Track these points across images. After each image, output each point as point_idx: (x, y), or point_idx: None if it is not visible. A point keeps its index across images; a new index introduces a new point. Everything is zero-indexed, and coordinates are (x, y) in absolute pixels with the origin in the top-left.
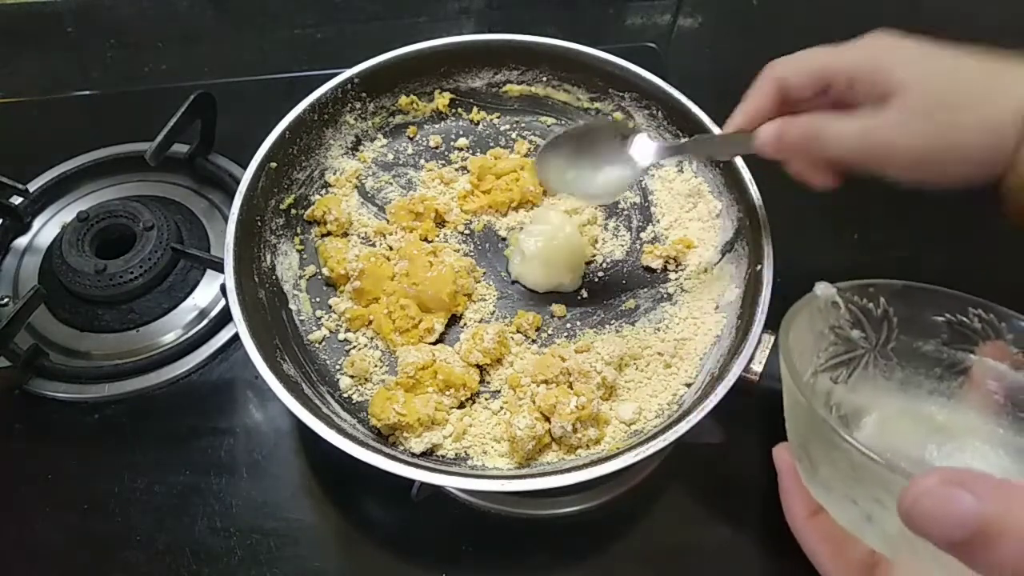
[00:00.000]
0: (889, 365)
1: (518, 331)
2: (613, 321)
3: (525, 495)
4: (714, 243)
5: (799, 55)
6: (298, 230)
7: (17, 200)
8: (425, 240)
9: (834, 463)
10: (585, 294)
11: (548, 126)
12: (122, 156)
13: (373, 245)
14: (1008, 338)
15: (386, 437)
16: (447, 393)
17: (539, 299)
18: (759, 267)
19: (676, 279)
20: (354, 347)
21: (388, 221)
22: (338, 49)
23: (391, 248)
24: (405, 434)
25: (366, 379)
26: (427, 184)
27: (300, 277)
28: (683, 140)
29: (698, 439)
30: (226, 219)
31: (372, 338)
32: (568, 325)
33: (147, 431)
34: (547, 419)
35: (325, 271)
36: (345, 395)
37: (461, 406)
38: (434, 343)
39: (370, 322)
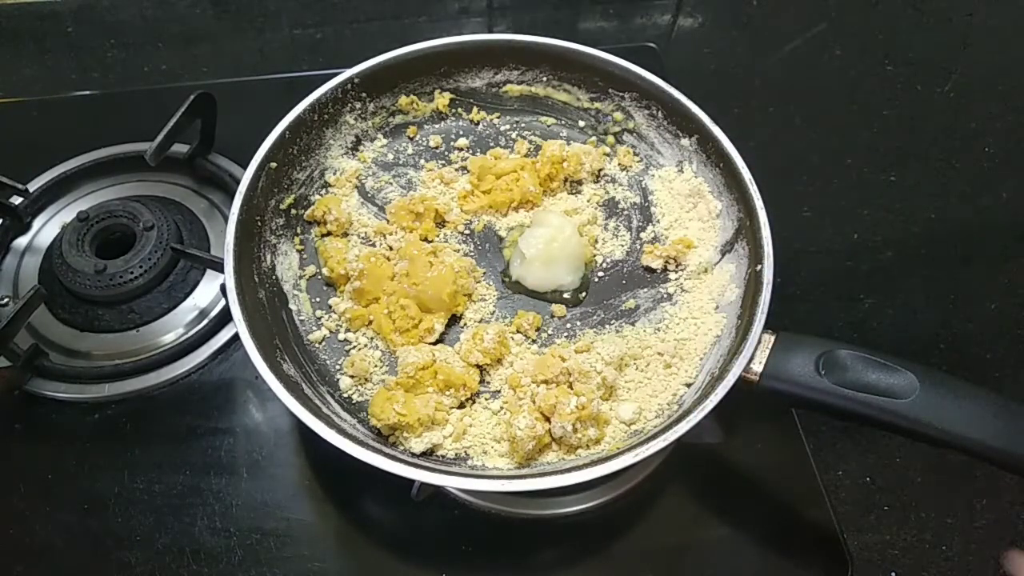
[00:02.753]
0: None
1: (518, 331)
2: (613, 321)
3: (525, 495)
4: (714, 243)
5: None
6: (298, 230)
7: (17, 200)
8: (425, 240)
9: None
10: (585, 294)
11: (548, 126)
12: (122, 156)
13: (373, 245)
14: None
15: (386, 437)
16: (447, 393)
17: (539, 299)
18: (759, 267)
19: (676, 279)
20: (354, 347)
21: (388, 221)
22: (338, 49)
23: (391, 248)
24: (405, 434)
25: (366, 379)
26: (427, 184)
27: (300, 277)
28: None
29: (698, 439)
30: (226, 219)
31: (372, 338)
32: (568, 325)
33: (147, 431)
34: (547, 419)
35: (325, 271)
36: (345, 395)
37: (461, 406)
38: (434, 343)
39: (370, 322)
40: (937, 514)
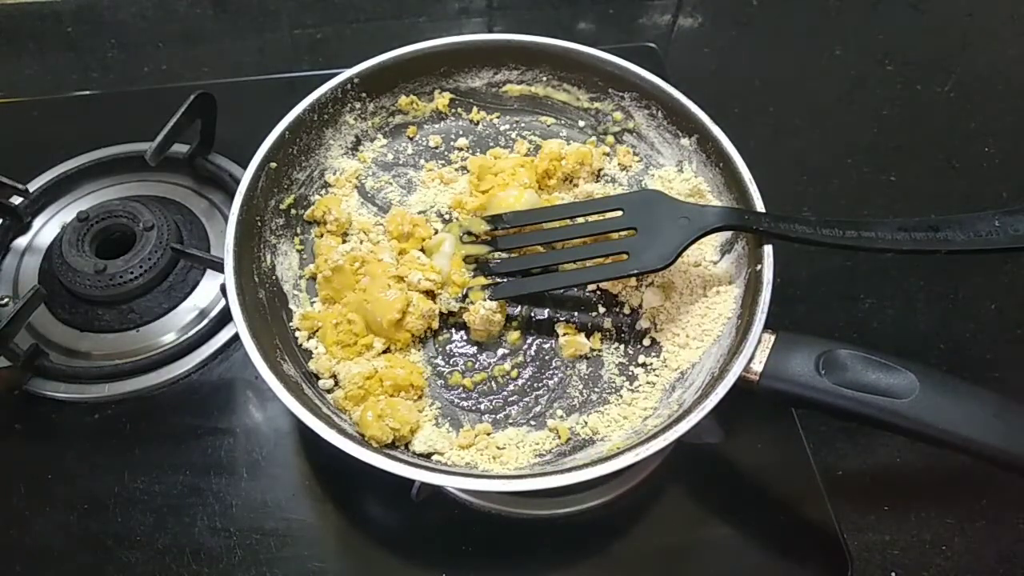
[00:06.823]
0: None
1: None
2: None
3: (525, 495)
4: (714, 243)
5: None
6: (298, 230)
7: (17, 200)
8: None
9: None
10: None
11: (548, 126)
12: (122, 156)
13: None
14: None
15: None
16: (399, 396)
17: None
18: (759, 267)
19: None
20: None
21: (384, 226)
22: (338, 49)
23: (366, 240)
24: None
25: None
26: (427, 184)
27: (300, 277)
28: None
29: (698, 439)
30: (226, 219)
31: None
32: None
33: (147, 431)
34: None
35: (311, 267)
36: None
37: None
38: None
39: (317, 330)
40: (937, 514)
